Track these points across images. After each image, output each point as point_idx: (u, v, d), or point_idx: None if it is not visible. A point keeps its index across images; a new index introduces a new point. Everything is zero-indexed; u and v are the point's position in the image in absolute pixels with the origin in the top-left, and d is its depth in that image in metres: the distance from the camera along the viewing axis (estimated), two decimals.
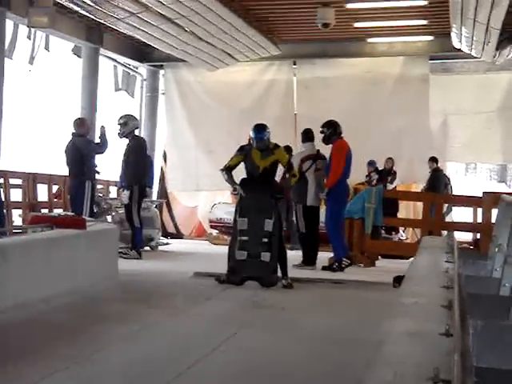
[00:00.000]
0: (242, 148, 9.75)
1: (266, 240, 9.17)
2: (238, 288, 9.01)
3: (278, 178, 11.25)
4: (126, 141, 12.46)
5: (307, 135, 12.36)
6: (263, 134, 9.56)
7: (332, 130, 11.66)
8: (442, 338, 2.36)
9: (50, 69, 19.15)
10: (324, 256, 12.13)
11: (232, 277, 9.16)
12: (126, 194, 12.16)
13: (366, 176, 16.52)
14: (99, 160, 12.78)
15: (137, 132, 12.90)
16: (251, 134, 9.64)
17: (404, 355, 2.18)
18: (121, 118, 12.45)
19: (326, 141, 11.72)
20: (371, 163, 16.45)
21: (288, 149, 13.65)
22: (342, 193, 11.63)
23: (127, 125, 12.36)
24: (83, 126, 12.84)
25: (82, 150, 12.35)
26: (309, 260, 11.90)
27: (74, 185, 12.54)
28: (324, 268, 11.57)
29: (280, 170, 9.97)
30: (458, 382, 1.80)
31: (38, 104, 21.61)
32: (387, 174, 16.64)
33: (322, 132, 11.71)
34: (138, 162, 12.34)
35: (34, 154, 19.53)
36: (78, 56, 16.73)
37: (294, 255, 11.76)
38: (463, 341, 2.44)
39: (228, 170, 9.68)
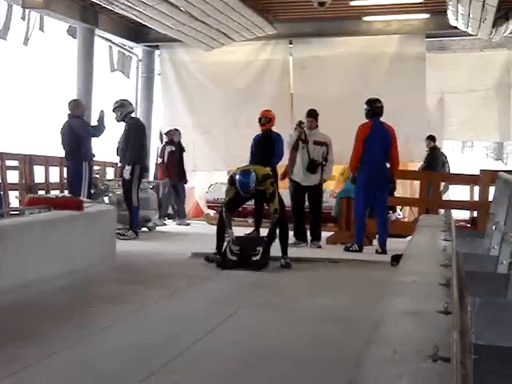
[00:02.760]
0: (232, 179, 9.53)
1: (258, 249, 9.28)
2: (235, 268, 9.02)
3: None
4: (122, 125, 12.46)
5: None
6: (249, 185, 9.31)
7: (369, 109, 11.53)
8: (440, 315, 2.36)
9: (45, 50, 19.05)
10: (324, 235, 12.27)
11: (222, 263, 9.17)
12: (127, 169, 12.15)
13: None
14: (95, 143, 12.77)
15: (133, 115, 12.89)
16: (236, 177, 9.36)
17: (403, 334, 2.18)
18: (116, 102, 12.47)
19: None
20: None
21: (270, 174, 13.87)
22: (360, 177, 11.27)
23: (124, 106, 12.37)
24: (79, 107, 12.81)
25: (78, 131, 12.32)
26: (299, 236, 11.99)
27: (71, 166, 12.53)
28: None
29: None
30: (457, 359, 1.80)
31: (33, 85, 21.54)
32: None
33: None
34: (139, 141, 12.36)
35: (30, 136, 19.48)
36: (73, 37, 16.64)
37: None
38: (462, 318, 2.45)
39: (228, 205, 9.58)
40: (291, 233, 10.84)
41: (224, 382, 4.31)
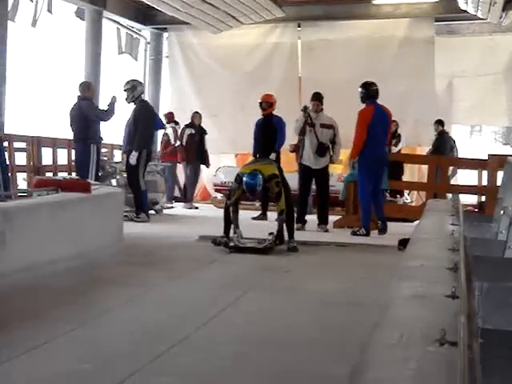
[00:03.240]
0: (239, 178, 9.37)
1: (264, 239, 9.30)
2: (242, 252, 9.03)
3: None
4: (131, 107, 12.44)
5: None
6: (256, 189, 9.24)
7: (364, 92, 11.48)
8: (447, 300, 2.36)
9: (53, 32, 19.02)
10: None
11: (229, 246, 9.16)
12: (134, 155, 12.10)
13: None
14: (103, 126, 12.75)
15: (143, 97, 12.86)
16: (244, 179, 9.20)
17: (410, 317, 2.18)
18: (127, 83, 12.40)
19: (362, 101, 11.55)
20: None
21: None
22: (364, 162, 11.24)
23: (136, 89, 12.33)
24: (89, 89, 12.81)
25: (87, 113, 12.32)
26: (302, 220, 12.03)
27: (79, 148, 12.53)
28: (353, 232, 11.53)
29: None
30: (464, 343, 1.80)
31: (41, 67, 21.52)
32: (391, 136, 16.58)
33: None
34: (148, 125, 12.34)
35: (38, 118, 19.48)
36: (81, 19, 16.63)
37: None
38: (469, 303, 2.44)
39: (235, 204, 9.49)
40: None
41: (234, 364, 4.32)
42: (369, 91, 11.36)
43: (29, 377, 3.94)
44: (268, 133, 13.06)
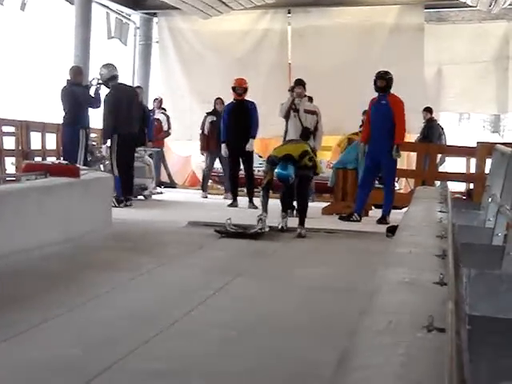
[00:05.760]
0: (271, 161, 9.61)
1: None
2: (231, 238, 9.03)
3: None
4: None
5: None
6: (290, 177, 9.38)
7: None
8: (436, 286, 2.37)
9: (42, 15, 18.92)
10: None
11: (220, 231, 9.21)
12: (103, 147, 12.27)
13: (360, 126, 16.47)
14: (91, 111, 12.70)
15: (116, 81, 12.58)
16: (276, 170, 9.35)
17: (398, 304, 2.19)
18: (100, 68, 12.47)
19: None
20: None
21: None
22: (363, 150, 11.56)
23: (100, 73, 12.29)
24: (80, 74, 12.73)
25: (82, 100, 12.24)
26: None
27: (68, 133, 12.45)
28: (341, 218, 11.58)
29: None
30: (451, 330, 1.81)
31: (30, 51, 21.41)
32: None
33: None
34: (111, 112, 12.14)
35: (27, 102, 19.39)
36: (71, 3, 16.53)
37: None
38: (457, 290, 2.45)
39: (267, 187, 9.67)
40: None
41: (222, 349, 4.33)
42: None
43: (16, 361, 3.94)
44: (241, 117, 13.00)
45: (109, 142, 12.23)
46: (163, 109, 17.26)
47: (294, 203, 10.41)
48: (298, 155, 9.44)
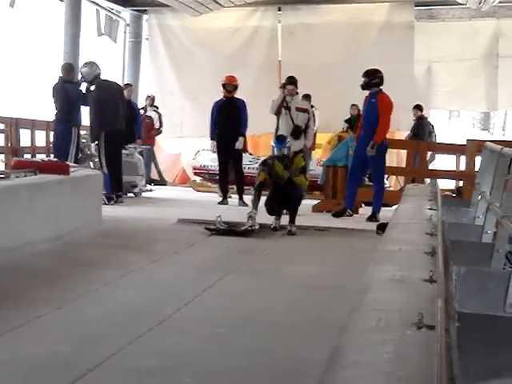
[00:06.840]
0: (264, 162, 9.92)
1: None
2: (221, 235, 9.03)
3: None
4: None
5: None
6: (285, 143, 9.86)
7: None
8: (425, 284, 2.38)
9: (32, 12, 18.89)
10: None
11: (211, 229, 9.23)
12: (92, 145, 12.29)
13: (345, 120, 16.46)
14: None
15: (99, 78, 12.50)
16: (273, 144, 9.95)
17: (388, 301, 2.20)
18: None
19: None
20: None
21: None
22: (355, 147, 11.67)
23: (83, 73, 12.24)
24: (72, 71, 12.67)
25: (75, 97, 12.19)
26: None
27: (61, 130, 12.37)
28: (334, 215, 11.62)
29: None
30: (441, 327, 1.82)
31: (19, 48, 21.37)
32: (355, 120, 16.47)
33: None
34: (96, 112, 12.10)
35: (16, 99, 19.36)
36: (60, 0, 16.49)
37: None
38: (446, 287, 2.46)
39: (259, 187, 9.76)
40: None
41: (211, 346, 4.33)
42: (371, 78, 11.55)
43: (5, 358, 3.93)
44: (231, 115, 12.99)
45: (93, 145, 12.23)
46: (155, 106, 17.25)
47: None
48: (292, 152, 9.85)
